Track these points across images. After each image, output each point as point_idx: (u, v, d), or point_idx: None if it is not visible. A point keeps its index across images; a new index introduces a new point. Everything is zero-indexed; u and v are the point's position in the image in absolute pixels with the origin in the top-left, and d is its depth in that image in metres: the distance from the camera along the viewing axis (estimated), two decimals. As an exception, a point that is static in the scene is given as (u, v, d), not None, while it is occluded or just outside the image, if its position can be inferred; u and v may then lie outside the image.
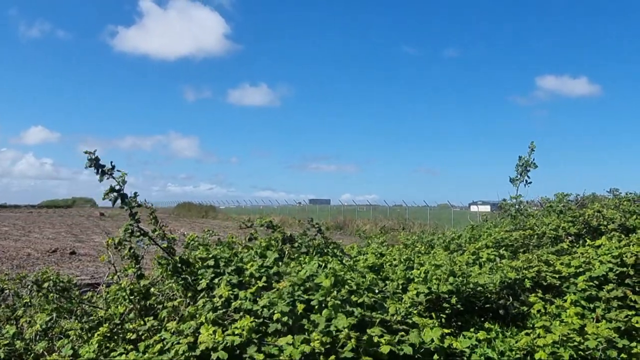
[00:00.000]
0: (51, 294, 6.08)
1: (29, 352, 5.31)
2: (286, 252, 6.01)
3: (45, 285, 6.07)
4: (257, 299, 4.39)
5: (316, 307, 4.21)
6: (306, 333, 4.05)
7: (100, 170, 5.28)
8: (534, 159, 10.33)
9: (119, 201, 5.39)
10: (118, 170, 5.34)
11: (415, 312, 5.09)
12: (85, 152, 5.26)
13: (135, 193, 5.48)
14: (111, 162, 5.31)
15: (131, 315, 5.38)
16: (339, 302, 4.19)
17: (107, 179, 5.30)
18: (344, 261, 6.25)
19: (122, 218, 44.23)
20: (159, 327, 4.79)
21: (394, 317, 4.67)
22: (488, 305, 5.76)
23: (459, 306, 5.54)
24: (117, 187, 5.35)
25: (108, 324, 5.15)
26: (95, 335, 4.89)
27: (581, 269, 5.86)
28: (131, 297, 5.36)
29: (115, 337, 5.00)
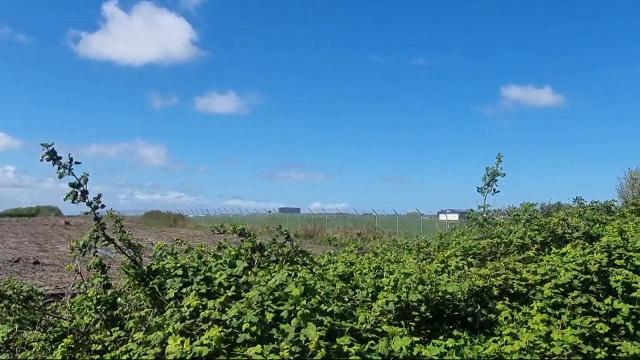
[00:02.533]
0: (14, 305, 5.91)
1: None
2: (256, 261, 5.96)
3: (9, 293, 5.89)
4: (226, 309, 4.35)
5: (286, 316, 4.19)
6: (275, 343, 4.02)
7: (56, 162, 5.08)
8: (501, 169, 10.52)
9: (84, 205, 5.22)
10: (86, 175, 5.18)
11: (385, 320, 5.11)
12: (42, 145, 5.07)
13: (99, 195, 5.33)
14: (69, 155, 5.11)
15: (97, 326, 5.27)
16: (309, 312, 4.18)
17: (67, 174, 5.13)
18: (314, 270, 6.24)
19: (87, 227, 43.47)
20: (126, 338, 4.70)
21: (364, 326, 4.67)
22: (457, 313, 5.81)
23: (428, 314, 5.58)
24: (78, 184, 5.19)
25: (73, 335, 5.03)
26: (60, 347, 4.77)
27: (547, 277, 5.96)
28: (98, 308, 5.25)
29: (81, 348, 4.89)
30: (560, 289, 5.71)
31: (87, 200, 5.24)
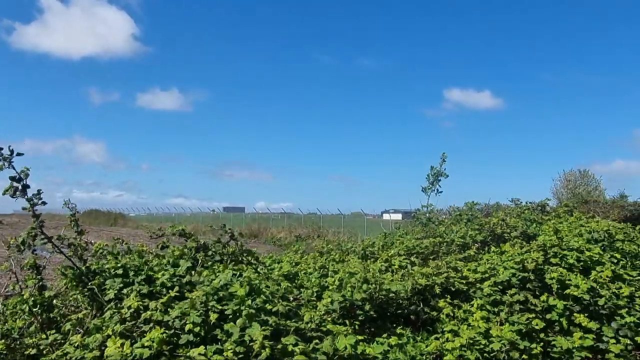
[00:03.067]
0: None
1: None
2: (200, 261, 5.86)
3: None
4: (169, 309, 4.26)
5: (230, 316, 4.14)
6: (219, 343, 3.97)
7: None
8: (445, 169, 10.75)
9: (23, 201, 4.99)
10: (27, 169, 4.95)
11: (329, 319, 5.13)
12: None
13: (39, 190, 5.11)
14: (9, 147, 4.88)
15: (32, 329, 5.05)
16: (254, 311, 4.14)
17: (7, 167, 4.90)
18: (258, 269, 6.19)
19: (22, 226, 41.73)
20: (63, 341, 4.52)
21: (309, 325, 4.67)
22: (400, 311, 5.89)
23: (372, 313, 5.64)
24: (19, 178, 4.97)
25: (5, 339, 4.80)
26: (-10, 351, 4.56)
27: (487, 275, 6.13)
28: (33, 310, 5.03)
29: (13, 353, 4.68)
30: (499, 287, 5.88)
31: (27, 196, 5.02)
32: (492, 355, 5.00)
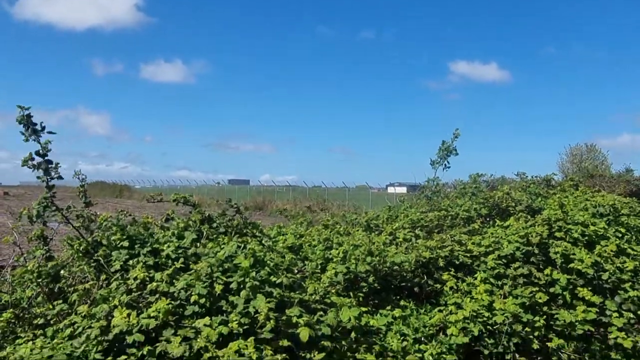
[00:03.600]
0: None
1: None
2: (204, 233, 5.89)
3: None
4: (174, 280, 4.29)
5: (235, 288, 4.17)
6: (225, 315, 4.00)
7: (31, 128, 4.88)
8: (455, 146, 10.68)
9: (39, 172, 5.03)
10: (49, 141, 4.99)
11: (333, 291, 5.16)
12: (18, 107, 4.83)
13: (57, 163, 5.14)
14: (41, 123, 4.93)
15: (39, 299, 5.11)
16: (258, 283, 4.17)
17: (34, 140, 4.93)
18: (263, 242, 6.22)
19: (27, 198, 42.01)
20: (70, 311, 4.57)
21: (313, 297, 4.71)
22: (404, 284, 5.93)
23: (376, 285, 5.67)
24: (44, 153, 4.99)
25: (13, 309, 4.86)
26: (-1, 320, 4.61)
27: (491, 249, 6.14)
28: (39, 280, 5.08)
29: (21, 322, 4.74)
30: (503, 260, 5.89)
31: (49, 171, 5.06)
32: (495, 327, 5.04)
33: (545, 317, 5.24)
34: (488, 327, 5.02)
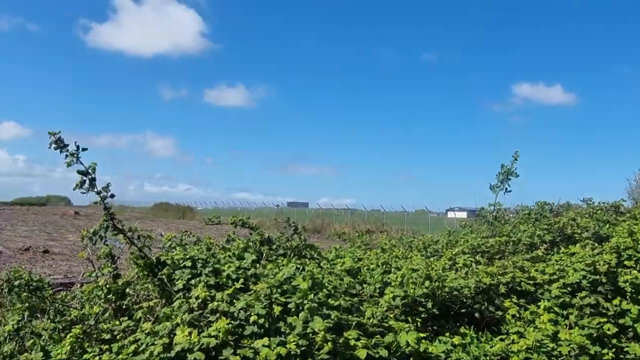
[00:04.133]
0: (24, 293, 5.96)
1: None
2: (264, 254, 5.98)
3: (17, 283, 5.92)
4: (234, 300, 4.37)
5: (293, 309, 4.21)
6: (283, 335, 4.04)
7: (63, 149, 5.06)
8: (516, 168, 10.44)
9: (94, 194, 5.22)
10: (94, 163, 5.18)
11: (391, 315, 5.12)
12: (50, 133, 5.06)
13: (108, 184, 5.32)
14: (75, 143, 5.11)
15: (106, 315, 5.31)
16: (316, 305, 4.19)
17: (75, 162, 5.14)
18: (321, 264, 6.25)
19: (96, 217, 43.63)
20: (134, 327, 4.73)
21: (371, 321, 4.68)
22: (463, 310, 5.80)
23: (434, 310, 5.58)
24: (86, 172, 5.15)
25: (82, 324, 5.07)
26: (68, 335, 4.81)
27: (555, 276, 5.95)
28: (107, 297, 5.29)
29: (89, 337, 4.93)
30: (568, 289, 5.69)
31: (95, 189, 5.25)
32: (559, 359, 4.85)
33: (614, 349, 5.01)
34: (552, 358, 4.84)
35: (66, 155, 5.10)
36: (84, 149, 5.14)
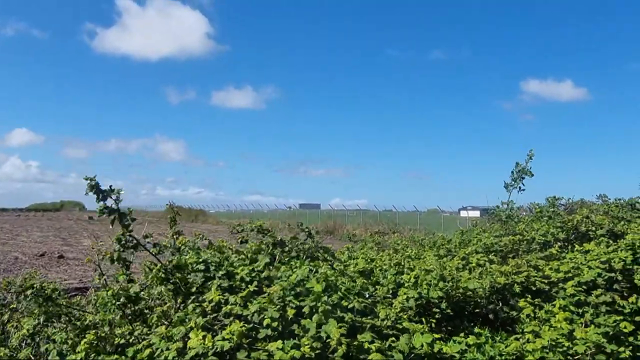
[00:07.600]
0: (39, 299, 6.00)
1: (14, 358, 5.25)
2: (277, 257, 5.99)
3: (29, 292, 5.94)
4: (248, 303, 4.38)
5: (307, 312, 4.20)
6: (296, 338, 4.04)
7: (101, 195, 5.19)
8: (530, 167, 10.39)
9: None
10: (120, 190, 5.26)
11: (405, 317, 5.10)
12: (86, 179, 5.14)
13: (129, 209, 5.41)
14: (110, 186, 5.20)
15: (120, 320, 5.34)
16: (330, 308, 4.19)
17: (106, 203, 5.22)
18: (334, 266, 6.24)
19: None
20: (149, 332, 4.75)
21: (384, 322, 4.67)
22: (478, 310, 5.78)
23: (448, 311, 5.56)
24: (114, 207, 5.23)
25: (96, 329, 5.10)
26: (83, 340, 4.85)
27: (570, 274, 5.90)
28: (121, 302, 5.32)
29: (104, 342, 4.96)
30: (583, 287, 5.64)
31: (122, 220, 5.32)
32: (575, 358, 4.81)
33: (631, 347, 4.95)
34: (568, 357, 4.80)
35: (103, 198, 5.16)
36: (119, 192, 5.21)
